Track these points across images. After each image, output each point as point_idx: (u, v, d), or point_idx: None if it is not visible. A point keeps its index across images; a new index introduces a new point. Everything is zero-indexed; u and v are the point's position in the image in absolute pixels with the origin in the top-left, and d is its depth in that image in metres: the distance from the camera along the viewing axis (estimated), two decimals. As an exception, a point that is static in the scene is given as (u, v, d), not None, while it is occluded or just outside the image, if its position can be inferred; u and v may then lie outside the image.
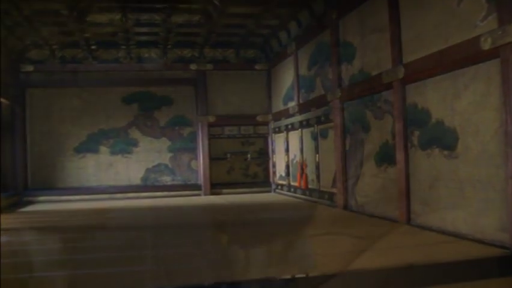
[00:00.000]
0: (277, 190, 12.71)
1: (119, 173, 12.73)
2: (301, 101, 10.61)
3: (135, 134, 12.84)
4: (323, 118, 9.29)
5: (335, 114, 8.56)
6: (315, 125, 9.72)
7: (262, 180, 13.45)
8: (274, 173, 12.98)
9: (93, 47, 12.10)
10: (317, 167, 9.72)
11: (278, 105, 12.33)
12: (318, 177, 9.71)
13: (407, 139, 6.46)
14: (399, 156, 6.53)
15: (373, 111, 7.38)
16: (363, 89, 7.55)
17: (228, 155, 13.10)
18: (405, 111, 6.48)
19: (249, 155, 13.18)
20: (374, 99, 7.34)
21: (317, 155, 9.69)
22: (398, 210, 6.69)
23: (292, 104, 11.11)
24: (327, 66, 9.08)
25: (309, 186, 10.28)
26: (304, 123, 10.33)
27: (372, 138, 7.45)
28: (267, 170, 13.41)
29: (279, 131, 12.25)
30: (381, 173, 7.18)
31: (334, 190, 8.88)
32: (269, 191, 13.07)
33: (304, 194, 10.50)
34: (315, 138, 9.79)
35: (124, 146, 12.76)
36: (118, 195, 12.31)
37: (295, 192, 11.11)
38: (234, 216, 8.34)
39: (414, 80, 6.31)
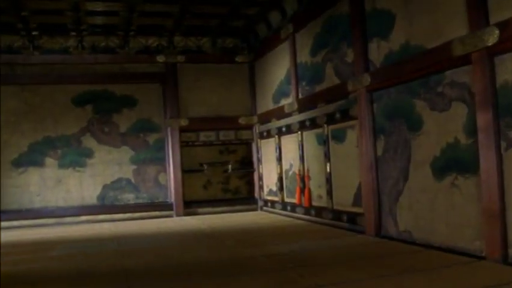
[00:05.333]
0: (265, 208, 10.46)
1: (70, 191, 10.22)
2: (301, 96, 8.43)
3: (89, 142, 10.36)
4: (337, 115, 7.12)
5: (361, 109, 6.40)
6: (325, 125, 7.54)
7: (245, 196, 11.18)
8: (261, 187, 10.73)
9: (34, 33, 9.59)
10: (328, 180, 7.53)
11: (266, 104, 10.11)
12: (329, 192, 7.51)
13: (499, 136, 4.35)
14: (487, 161, 4.41)
15: (428, 99, 5.25)
16: (411, 69, 5.42)
17: (205, 166, 10.77)
18: (495, 95, 4.38)
19: (229, 166, 10.89)
20: (431, 82, 5.21)
21: (328, 164, 7.50)
22: (480, 241, 4.57)
23: (287, 101, 8.91)
24: (344, 47, 6.94)
25: (314, 204, 8.09)
26: (306, 123, 8.15)
27: (425, 137, 5.32)
28: (251, 183, 11.14)
29: (268, 136, 10.03)
30: (445, 186, 5.04)
31: (358, 210, 6.70)
32: (255, 209, 10.81)
33: (307, 213, 8.29)
34: (323, 142, 7.61)
35: (76, 158, 10.27)
36: (69, 219, 9.84)
37: (293, 211, 8.88)
38: (231, 253, 6.04)
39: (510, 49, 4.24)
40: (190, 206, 10.49)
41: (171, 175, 10.49)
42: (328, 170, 7.51)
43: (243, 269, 4.80)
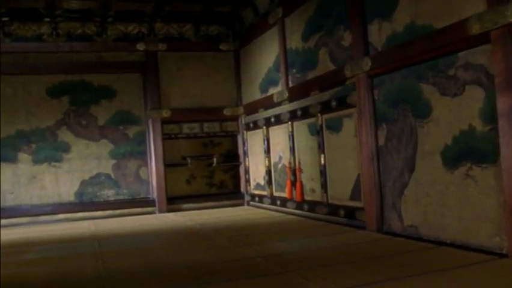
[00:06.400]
0: (252, 203, 10.00)
1: (46, 188, 9.62)
2: (291, 84, 7.97)
3: (66, 136, 9.76)
4: (333, 103, 6.68)
5: (360, 96, 5.96)
6: (318, 115, 7.09)
7: (231, 190, 10.71)
8: (247, 181, 10.26)
9: (4, 19, 8.93)
10: (322, 172, 7.09)
11: (252, 94, 9.63)
12: (324, 185, 7.08)
13: (523, 121, 3.95)
14: (509, 149, 3.99)
15: (438, 84, 4.83)
16: (418, 52, 4.99)
17: (188, 160, 10.26)
18: (518, 77, 3.97)
19: (214, 159, 10.39)
20: (440, 65, 4.79)
21: (322, 156, 7.06)
22: (501, 237, 4.17)
23: (276, 90, 8.44)
24: (341, 31, 6.49)
25: (307, 198, 7.65)
26: (298, 113, 7.69)
27: (434, 125, 4.90)
28: (237, 177, 10.67)
29: (255, 127, 9.55)
30: (457, 177, 4.63)
31: (357, 204, 6.28)
32: (241, 204, 10.35)
33: (299, 208, 7.85)
34: (317, 132, 7.17)
35: (52, 152, 9.67)
36: (45, 218, 9.24)
37: (283, 205, 8.43)
38: (224, 254, 5.57)
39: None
40: (173, 201, 9.97)
41: (153, 169, 9.95)
42: (322, 161, 7.07)
43: (240, 272, 4.32)
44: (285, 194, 8.29)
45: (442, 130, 4.79)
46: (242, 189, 10.48)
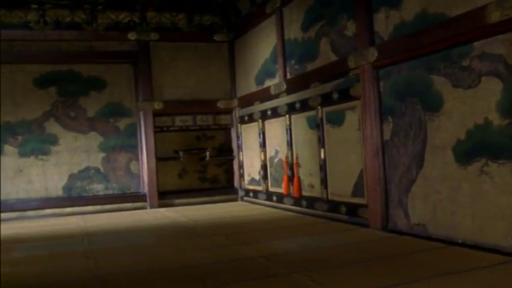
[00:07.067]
0: (246, 198, 9.73)
1: (33, 182, 9.27)
2: (290, 76, 7.70)
3: (54, 128, 9.41)
4: (335, 96, 6.42)
5: (365, 87, 5.70)
6: (319, 107, 6.83)
7: (224, 185, 10.44)
8: (241, 175, 9.98)
9: (-11, 6, 8.60)
10: (322, 168, 6.83)
11: (248, 87, 9.34)
12: (324, 181, 6.83)
13: (547, 115, 3.72)
14: (530, 145, 3.77)
15: (450, 75, 4.58)
16: (429, 42, 4.74)
17: (180, 154, 9.96)
18: (542, 67, 3.74)
19: (207, 153, 10.10)
20: (453, 56, 4.54)
21: (322, 150, 6.81)
22: (518, 237, 3.96)
23: (273, 82, 8.16)
24: (344, 20, 6.23)
25: (305, 194, 7.40)
26: (296, 106, 7.43)
27: (446, 119, 4.66)
28: (230, 171, 10.40)
29: (250, 120, 9.27)
30: (471, 174, 4.40)
31: (359, 201, 6.03)
32: (235, 199, 10.07)
33: (296, 204, 7.60)
34: (317, 126, 6.91)
35: (39, 145, 9.32)
36: (32, 213, 8.90)
37: (279, 201, 8.17)
38: (223, 253, 5.31)
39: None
40: (164, 196, 9.66)
41: (144, 163, 9.65)
42: (322, 156, 6.81)
43: (242, 273, 4.05)
44: (281, 190, 8.03)
45: (455, 124, 4.55)
46: (236, 184, 10.21)
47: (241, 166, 9.95)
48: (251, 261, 4.46)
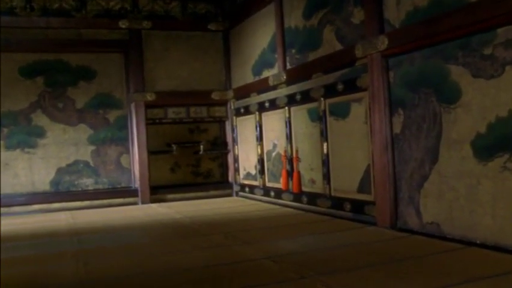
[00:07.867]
0: (241, 193, 9.40)
1: (19, 176, 8.87)
2: (290, 66, 7.36)
3: (41, 119, 9.01)
4: (339, 87, 6.09)
5: (373, 78, 5.37)
6: (321, 99, 6.50)
7: (218, 179, 10.09)
8: (236, 170, 9.64)
9: (-28, -10, 8.15)
10: (324, 162, 6.51)
11: (244, 78, 8.99)
12: (326, 176, 6.51)
13: None
14: (562, 139, 3.47)
15: (470, 64, 4.27)
16: (445, 29, 4.42)
17: (173, 147, 9.59)
18: None
19: (201, 147, 9.74)
20: (473, 43, 4.23)
21: (325, 144, 6.48)
22: (547, 239, 3.66)
23: (272, 73, 7.82)
24: (350, 6, 5.89)
25: (305, 190, 7.08)
26: (297, 97, 7.09)
27: (464, 111, 4.35)
28: (225, 166, 10.06)
29: (246, 113, 8.93)
30: (492, 170, 4.10)
31: (366, 197, 5.72)
32: (229, 194, 9.74)
33: (296, 200, 7.28)
34: (319, 118, 6.59)
35: (25, 137, 8.92)
36: (17, 209, 8.49)
37: (277, 197, 7.85)
38: (224, 254, 4.97)
39: None
40: (156, 191, 9.30)
41: (135, 157, 9.27)
42: (325, 150, 6.49)
43: (249, 278, 3.71)
44: (279, 185, 7.71)
45: (474, 117, 4.25)
46: (230, 179, 9.87)
47: (236, 160, 9.61)
48: (256, 263, 4.14)
